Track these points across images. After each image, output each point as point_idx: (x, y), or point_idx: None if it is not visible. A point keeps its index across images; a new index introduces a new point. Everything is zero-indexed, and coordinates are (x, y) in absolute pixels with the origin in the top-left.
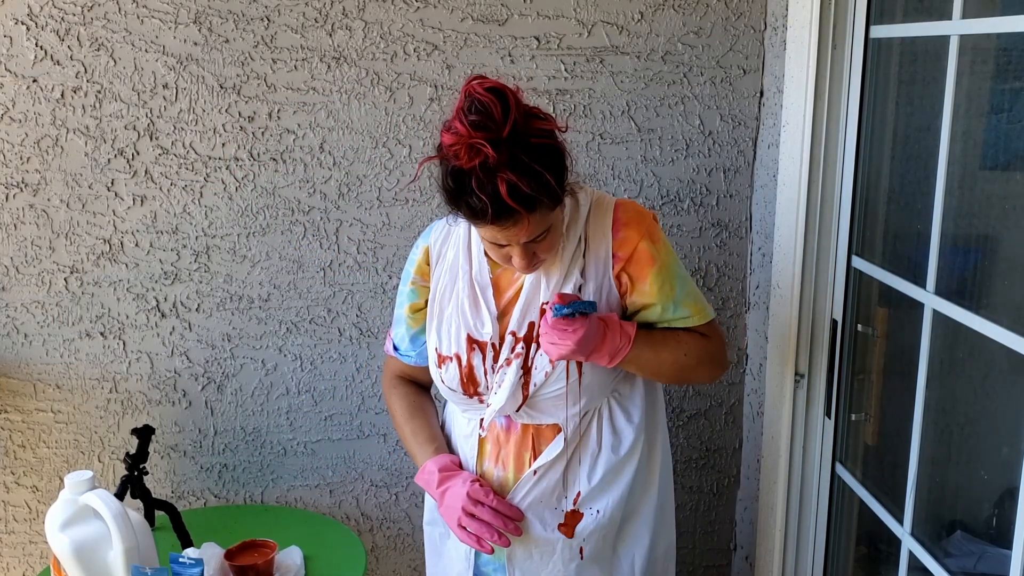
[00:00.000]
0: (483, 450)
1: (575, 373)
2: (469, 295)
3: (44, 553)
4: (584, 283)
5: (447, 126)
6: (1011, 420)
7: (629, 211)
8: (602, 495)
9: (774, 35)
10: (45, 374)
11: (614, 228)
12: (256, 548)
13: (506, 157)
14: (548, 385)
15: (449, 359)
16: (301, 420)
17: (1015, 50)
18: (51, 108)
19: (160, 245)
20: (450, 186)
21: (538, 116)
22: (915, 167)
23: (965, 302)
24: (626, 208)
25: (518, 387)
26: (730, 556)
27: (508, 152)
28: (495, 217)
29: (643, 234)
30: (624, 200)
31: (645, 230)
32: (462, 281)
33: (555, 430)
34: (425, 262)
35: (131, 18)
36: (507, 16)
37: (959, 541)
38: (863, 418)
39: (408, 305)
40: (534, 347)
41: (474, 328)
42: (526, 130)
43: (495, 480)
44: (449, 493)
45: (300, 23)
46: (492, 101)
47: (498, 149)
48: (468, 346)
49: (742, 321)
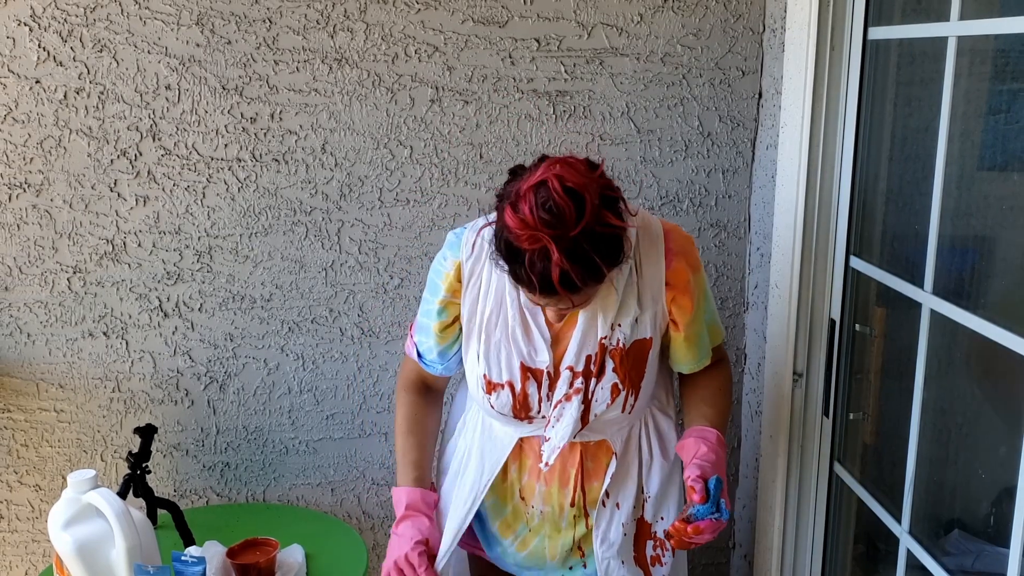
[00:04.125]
0: (523, 464)
1: (632, 401)
2: (520, 322)
3: (47, 552)
4: (641, 313)
5: (514, 204)
6: (1009, 419)
7: (680, 239)
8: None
9: (773, 37)
10: (48, 373)
11: (667, 257)
12: (258, 546)
13: (567, 245)
14: (609, 411)
15: (500, 387)
16: (303, 419)
17: (1013, 51)
18: (54, 109)
19: (163, 245)
20: (503, 250)
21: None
22: (913, 168)
23: (963, 302)
24: (676, 236)
25: (579, 419)
26: (729, 555)
27: (571, 243)
28: (540, 293)
29: (694, 265)
30: (672, 226)
31: (695, 260)
32: (511, 308)
33: (602, 445)
34: (456, 279)
35: (134, 20)
36: (507, 18)
37: (957, 540)
38: (861, 417)
39: (437, 323)
40: (593, 381)
41: (527, 356)
42: (594, 223)
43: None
44: (396, 536)
45: (302, 25)
46: (568, 206)
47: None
48: (522, 375)
49: (741, 321)
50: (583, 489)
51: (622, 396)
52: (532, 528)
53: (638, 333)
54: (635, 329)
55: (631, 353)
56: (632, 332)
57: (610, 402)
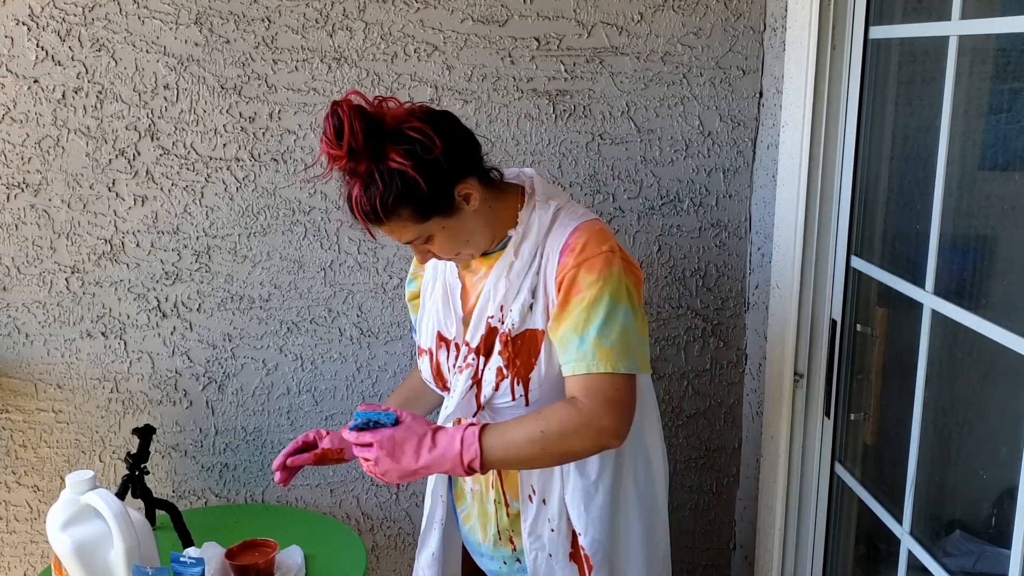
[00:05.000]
0: None
1: (521, 391)
2: (442, 294)
3: (45, 552)
4: (534, 302)
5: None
6: (1010, 420)
7: (580, 237)
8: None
9: (773, 36)
10: (46, 374)
11: (561, 252)
12: (257, 547)
13: (363, 169)
14: (497, 399)
15: (425, 352)
16: (302, 419)
17: (1014, 50)
18: (52, 108)
19: (161, 245)
20: None
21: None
22: (914, 167)
23: (964, 302)
24: (579, 234)
25: (471, 396)
26: (729, 556)
27: (365, 166)
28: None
29: (581, 262)
30: (586, 224)
31: (585, 259)
32: (438, 280)
33: None
34: None
35: (132, 19)
36: (507, 17)
37: (958, 540)
38: (862, 418)
39: (409, 292)
40: (482, 359)
41: (444, 326)
42: (379, 153)
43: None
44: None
45: (301, 24)
46: (330, 124)
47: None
48: (438, 343)
49: (741, 321)
50: (500, 476)
51: (507, 382)
52: (468, 504)
53: (529, 322)
54: (525, 317)
55: (519, 340)
56: (522, 319)
57: (495, 386)
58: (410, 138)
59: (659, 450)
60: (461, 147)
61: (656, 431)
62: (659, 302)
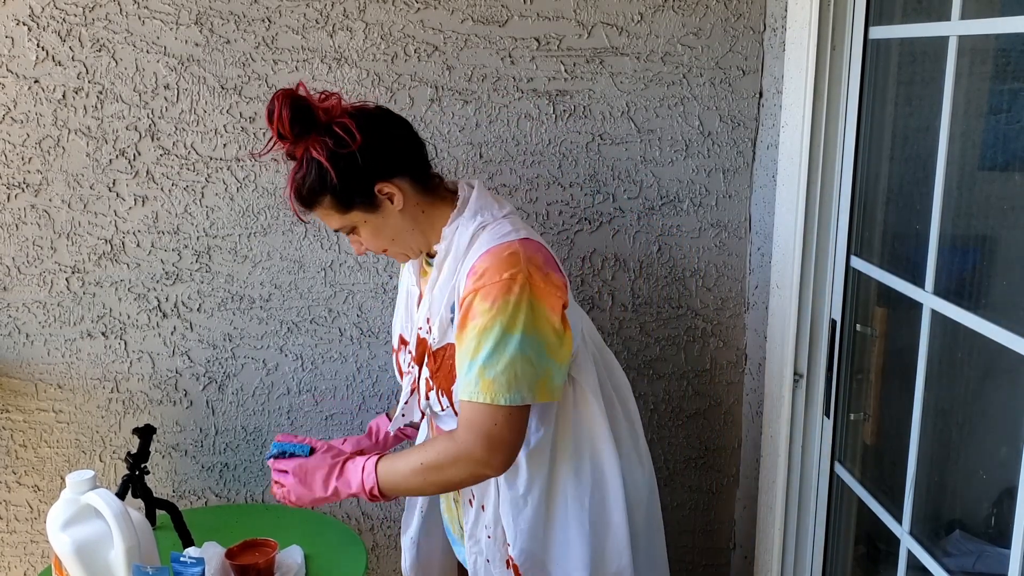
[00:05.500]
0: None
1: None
2: (404, 298)
3: (45, 552)
4: (454, 317)
5: None
6: (1010, 420)
7: (486, 262)
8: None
9: (773, 36)
10: (47, 374)
11: (468, 274)
12: (257, 547)
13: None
14: (432, 406)
15: (392, 351)
16: (302, 419)
17: (1014, 51)
18: (52, 109)
19: (161, 245)
20: None
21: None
22: (914, 167)
23: (964, 302)
24: (487, 258)
25: (414, 401)
26: (729, 555)
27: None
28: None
29: (479, 288)
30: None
31: (482, 286)
32: (404, 283)
33: None
34: None
35: (132, 19)
36: (507, 17)
37: (958, 540)
38: (862, 418)
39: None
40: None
41: (404, 328)
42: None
43: None
44: None
45: (301, 24)
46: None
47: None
48: (400, 343)
49: (741, 321)
50: None
51: (434, 393)
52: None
53: (447, 337)
54: (445, 332)
55: (440, 354)
56: (441, 334)
57: (425, 395)
58: (332, 132)
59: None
60: (387, 146)
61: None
62: (659, 302)
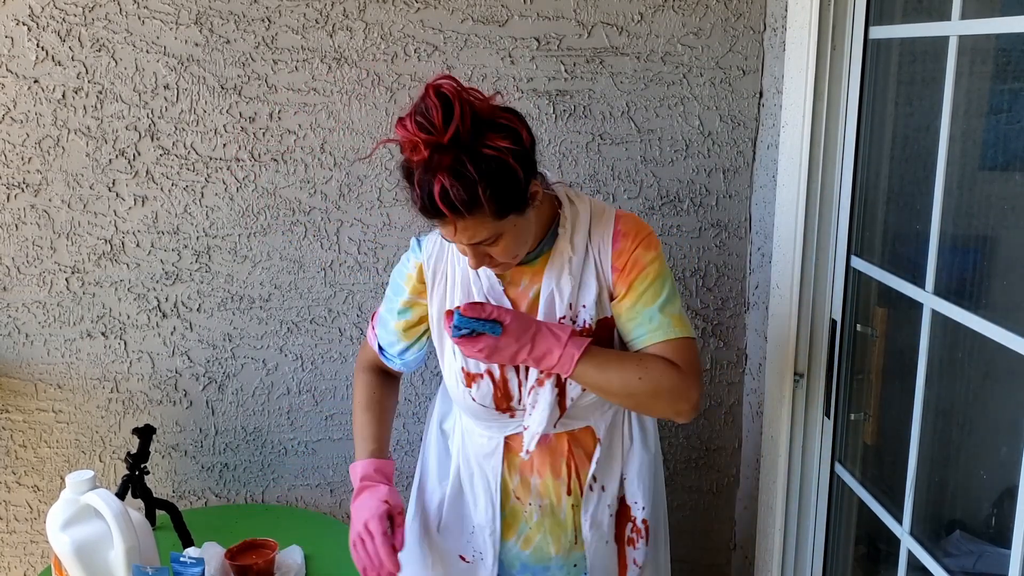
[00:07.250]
0: (512, 464)
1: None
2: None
3: (45, 553)
4: (600, 291)
5: (401, 118)
6: (1010, 420)
7: (628, 223)
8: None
9: (773, 36)
10: (46, 374)
11: (614, 239)
12: (257, 547)
13: (448, 161)
14: (584, 397)
15: (480, 376)
16: (302, 420)
17: (1014, 50)
18: (52, 109)
19: (161, 245)
20: (402, 172)
21: (499, 129)
22: (914, 167)
23: (964, 302)
24: (626, 220)
25: (555, 404)
26: (729, 555)
27: (452, 156)
28: (425, 213)
29: (638, 243)
30: (624, 212)
31: (641, 240)
32: (477, 296)
33: (587, 432)
34: (419, 281)
35: (132, 19)
36: (507, 17)
37: (958, 541)
38: (862, 418)
39: (401, 322)
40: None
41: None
42: (476, 140)
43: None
44: (357, 505)
45: (301, 24)
46: (436, 107)
47: (440, 152)
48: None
49: (741, 321)
50: (578, 476)
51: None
52: (532, 525)
53: (601, 312)
54: (598, 308)
55: (597, 332)
56: (597, 311)
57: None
58: (505, 127)
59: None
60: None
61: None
62: None
